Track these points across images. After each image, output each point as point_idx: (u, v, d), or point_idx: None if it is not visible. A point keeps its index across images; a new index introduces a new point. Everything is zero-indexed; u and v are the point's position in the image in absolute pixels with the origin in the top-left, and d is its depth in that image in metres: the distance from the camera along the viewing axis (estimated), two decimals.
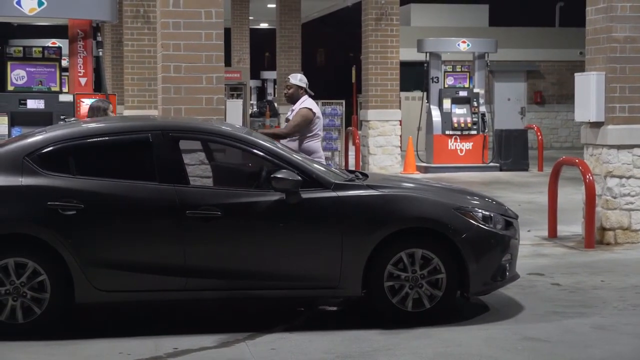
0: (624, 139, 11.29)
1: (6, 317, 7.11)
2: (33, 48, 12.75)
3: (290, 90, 10.64)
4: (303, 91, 10.53)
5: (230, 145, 7.95)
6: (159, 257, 7.28)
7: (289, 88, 10.69)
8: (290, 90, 10.64)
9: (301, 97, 10.53)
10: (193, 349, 6.88)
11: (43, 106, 11.30)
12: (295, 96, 10.59)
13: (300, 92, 10.54)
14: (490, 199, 8.37)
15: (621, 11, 11.17)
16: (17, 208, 7.22)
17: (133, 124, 8.37)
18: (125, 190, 7.32)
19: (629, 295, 8.70)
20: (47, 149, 7.46)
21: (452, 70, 22.76)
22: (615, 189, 11.33)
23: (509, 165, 21.96)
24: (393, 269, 7.48)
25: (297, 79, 10.57)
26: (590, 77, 11.48)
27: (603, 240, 11.40)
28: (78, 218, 7.17)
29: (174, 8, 10.41)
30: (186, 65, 10.45)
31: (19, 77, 11.96)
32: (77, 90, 12.01)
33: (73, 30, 12.11)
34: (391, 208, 7.58)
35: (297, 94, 10.56)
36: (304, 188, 7.44)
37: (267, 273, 7.44)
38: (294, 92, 10.60)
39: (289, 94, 10.68)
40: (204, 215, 7.27)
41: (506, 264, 7.85)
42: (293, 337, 7.27)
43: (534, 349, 6.90)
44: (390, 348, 6.93)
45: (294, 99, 10.61)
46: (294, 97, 10.62)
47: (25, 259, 7.14)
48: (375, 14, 20.34)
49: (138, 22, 18.87)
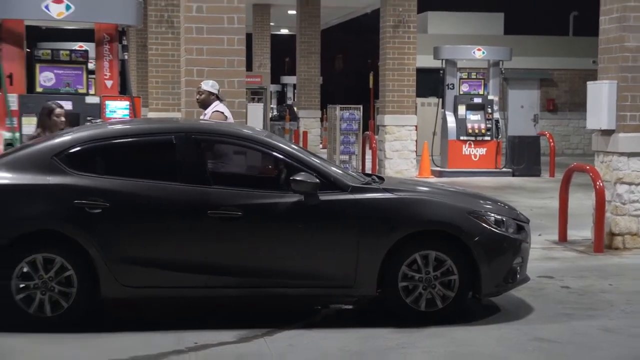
0: (634, 147, 11.26)
1: (35, 310, 7.18)
2: (61, 51, 12.81)
3: (202, 96, 10.52)
4: (214, 97, 10.45)
5: (250, 147, 7.97)
6: (181, 255, 7.32)
7: (200, 94, 10.56)
8: (202, 96, 10.52)
9: (212, 102, 10.43)
10: (213, 344, 6.93)
11: (70, 107, 11.33)
12: (207, 102, 10.47)
13: (211, 97, 10.43)
14: (502, 204, 8.38)
15: (634, 21, 11.15)
16: (45, 206, 7.29)
17: (157, 126, 8.42)
18: (149, 190, 7.37)
19: (636, 299, 8.69)
20: (74, 149, 7.52)
21: (467, 77, 22.71)
22: (625, 195, 11.32)
23: (522, 170, 21.90)
24: (407, 269, 7.50)
25: (209, 86, 10.45)
26: (602, 85, 11.47)
27: (612, 245, 11.39)
28: (103, 216, 7.22)
29: (197, 13, 10.48)
30: (209, 69, 10.53)
31: (47, 79, 12.03)
32: (104, 92, 12.07)
33: (99, 34, 12.18)
34: (406, 211, 7.62)
35: (208, 99, 10.45)
36: (321, 190, 7.47)
37: (285, 272, 7.48)
38: (205, 98, 10.49)
39: (201, 99, 10.56)
40: (225, 216, 7.31)
41: (517, 267, 7.87)
42: (310, 333, 7.31)
43: (544, 350, 6.92)
44: (404, 346, 6.96)
45: (205, 104, 10.49)
46: (205, 103, 10.50)
47: (53, 255, 7.20)
48: (393, 22, 20.36)
49: (162, 26, 18.95)
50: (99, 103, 11.75)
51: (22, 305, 7.20)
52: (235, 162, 8.36)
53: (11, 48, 11.61)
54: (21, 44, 11.75)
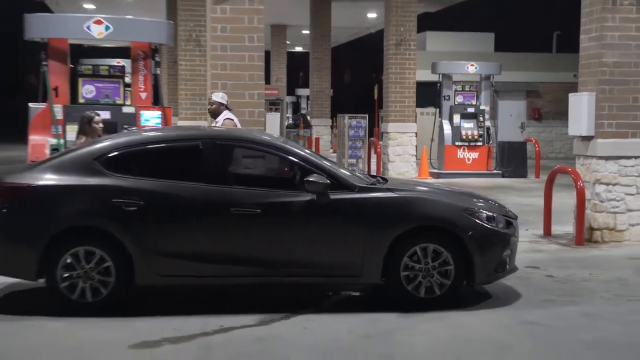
0: (611, 151, 11.27)
1: (77, 296, 7.22)
2: (100, 66, 12.88)
3: (213, 106, 10.54)
4: (224, 107, 10.46)
5: (268, 152, 8.00)
6: (207, 248, 7.33)
7: (211, 104, 10.59)
8: (213, 106, 10.54)
9: (222, 111, 10.44)
10: (235, 327, 6.92)
11: (109, 117, 11.36)
12: (217, 111, 10.48)
13: (221, 107, 10.46)
14: (493, 202, 8.36)
15: (611, 39, 11.15)
16: (86, 204, 7.32)
17: (186, 133, 8.44)
18: (179, 189, 7.38)
19: (613, 287, 8.67)
20: (112, 153, 7.54)
21: (462, 89, 22.72)
22: (603, 194, 11.31)
23: (510, 172, 21.86)
24: (408, 260, 7.49)
25: (219, 97, 10.47)
26: (582, 97, 11.44)
27: (591, 238, 11.37)
28: (138, 213, 7.24)
29: (222, 33, 10.50)
30: (232, 83, 10.54)
31: (88, 92, 12.07)
32: (138, 103, 12.09)
33: (135, 52, 12.21)
34: (407, 208, 7.61)
35: (218, 109, 10.46)
36: (332, 190, 7.47)
37: (299, 263, 7.48)
38: (216, 108, 10.51)
39: (212, 109, 10.58)
40: (246, 213, 7.31)
41: (506, 258, 7.86)
42: (322, 318, 7.32)
43: (531, 332, 6.90)
44: (407, 329, 6.95)
45: (216, 114, 10.50)
46: (216, 112, 10.50)
47: (93, 248, 7.22)
48: (395, 40, 20.36)
49: (190, 45, 19.00)
50: (134, 113, 11.78)
51: (65, 292, 7.23)
52: (254, 165, 8.38)
53: (57, 64, 11.65)
54: (65, 60, 11.79)
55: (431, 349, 6.41)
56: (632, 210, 11.42)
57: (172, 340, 6.56)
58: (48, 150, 11.06)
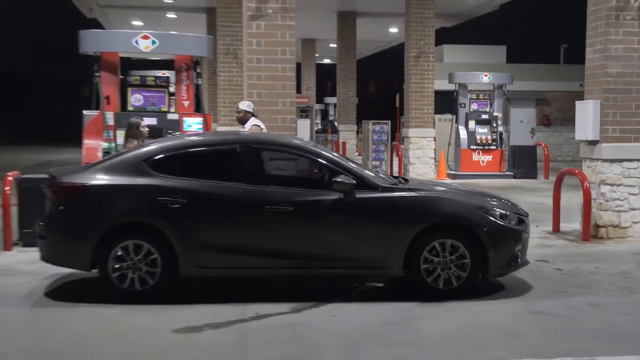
0: (615, 154, 11.21)
1: (127, 285, 7.27)
2: (147, 77, 12.91)
3: (240, 114, 10.70)
4: (250, 114, 10.56)
5: (300, 155, 7.98)
6: (244, 242, 7.33)
7: (238, 113, 10.75)
8: (240, 114, 10.70)
9: (249, 118, 10.55)
10: (271, 314, 6.94)
11: (155, 123, 11.43)
12: (244, 118, 10.62)
13: (247, 115, 10.59)
14: (506, 200, 8.30)
15: (614, 52, 11.09)
16: (135, 202, 7.36)
17: (225, 137, 8.45)
18: (218, 189, 7.39)
19: (617, 280, 8.59)
20: (158, 156, 7.57)
21: (476, 97, 22.62)
22: (608, 194, 11.25)
23: (521, 174, 21.74)
24: (428, 254, 7.47)
25: (245, 106, 10.64)
26: (588, 104, 11.37)
27: (597, 235, 11.30)
28: (182, 210, 7.26)
29: (257, 47, 10.52)
30: (266, 92, 10.56)
31: (136, 100, 12.12)
32: (182, 110, 12.14)
33: (178, 64, 12.26)
34: (427, 207, 7.57)
35: (245, 117, 10.62)
36: (357, 189, 7.45)
37: (328, 256, 7.46)
38: (242, 116, 10.66)
39: (239, 117, 10.73)
40: (279, 210, 7.31)
41: (518, 253, 7.80)
42: (349, 306, 7.30)
43: (541, 321, 6.85)
44: (427, 317, 6.93)
45: (243, 121, 10.64)
46: (243, 119, 10.65)
47: (141, 241, 7.26)
48: (415, 53, 20.30)
49: (228, 57, 19.05)
50: (178, 119, 11.83)
51: (116, 282, 7.27)
52: (287, 166, 8.37)
53: (108, 75, 11.73)
54: (116, 71, 11.86)
55: (449, 336, 6.37)
56: (635, 208, 11.36)
57: (212, 326, 6.58)
58: (100, 153, 11.13)
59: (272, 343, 6.13)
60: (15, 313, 7.03)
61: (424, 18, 20.17)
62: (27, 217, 9.91)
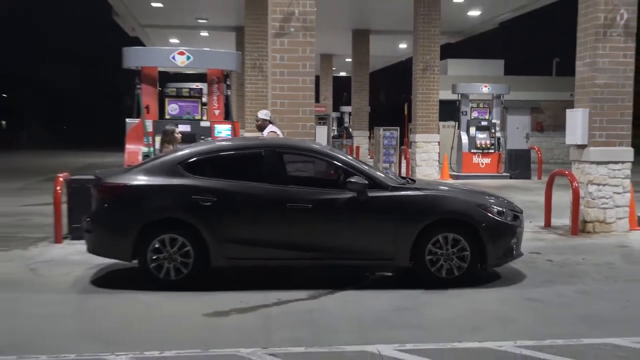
0: (601, 157, 11.16)
1: (164, 274, 7.29)
2: (183, 89, 12.97)
3: (259, 122, 10.96)
4: (268, 122, 10.74)
5: (317, 158, 7.96)
6: (267, 236, 7.33)
7: (257, 121, 11.01)
8: (259, 122, 10.96)
9: (267, 125, 10.73)
10: (291, 300, 6.94)
11: (189, 129, 11.47)
12: (263, 126, 10.84)
13: (266, 122, 10.79)
14: (502, 199, 8.25)
15: (602, 65, 11.03)
16: (170, 200, 7.37)
17: (251, 142, 8.45)
18: (245, 188, 7.40)
19: (603, 270, 8.52)
20: (192, 159, 7.59)
21: (477, 106, 22.53)
22: (595, 193, 11.19)
23: (517, 175, 21.66)
24: (432, 247, 7.44)
25: (263, 114, 10.94)
26: (577, 112, 11.30)
27: (585, 230, 11.23)
28: (212, 207, 7.27)
29: (280, 61, 10.52)
30: (288, 102, 10.55)
31: (173, 109, 12.17)
32: (213, 118, 12.16)
33: (210, 77, 12.28)
34: (432, 204, 7.54)
35: (264, 124, 10.84)
36: (369, 189, 7.45)
37: (342, 249, 7.44)
38: (261, 124, 10.89)
39: (258, 125, 10.98)
40: (299, 207, 7.31)
41: (513, 245, 7.76)
42: (360, 293, 7.29)
43: (533, 307, 6.81)
44: (431, 303, 6.90)
45: (262, 128, 10.84)
46: (262, 127, 10.86)
47: (176, 235, 7.28)
48: (422, 66, 20.24)
49: (255, 71, 19.07)
50: (209, 126, 11.85)
51: (154, 271, 7.30)
52: (306, 168, 8.36)
53: (148, 87, 11.77)
54: (155, 84, 11.90)
55: (451, 320, 6.34)
56: (619, 206, 11.30)
57: (239, 311, 6.59)
58: (140, 156, 11.17)
59: (292, 326, 6.13)
60: (65, 299, 7.08)
61: (430, 35, 20.10)
62: (75, 213, 9.98)
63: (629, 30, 11.01)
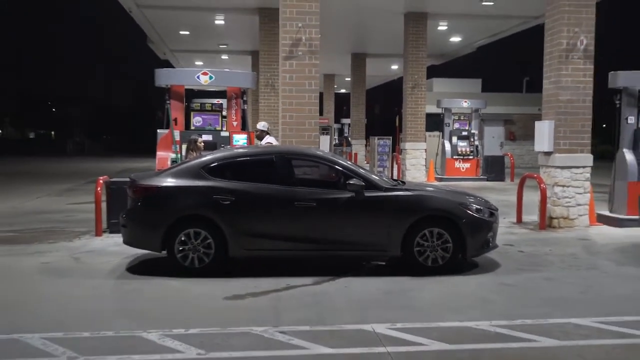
0: (565, 163, 11.13)
1: (189, 263, 7.29)
2: (206, 104, 12.97)
3: (258, 132, 11.38)
4: (266, 133, 11.06)
5: (321, 163, 7.95)
6: (278, 230, 7.32)
7: (256, 131, 11.39)
8: (258, 132, 11.38)
9: (264, 136, 11.05)
10: (298, 285, 6.93)
11: (211, 139, 11.44)
12: (261, 136, 11.21)
13: (264, 133, 11.12)
14: (480, 198, 8.23)
15: (565, 83, 11.02)
16: (195, 199, 7.36)
17: (264, 149, 8.41)
18: (259, 189, 7.39)
19: (567, 260, 8.49)
20: (213, 164, 7.59)
21: (458, 118, 22.51)
22: (559, 193, 11.16)
23: (493, 178, 21.62)
24: (420, 239, 7.42)
25: (262, 126, 11.27)
26: (544, 123, 11.27)
27: (551, 225, 11.19)
28: (231, 205, 7.27)
29: (289, 80, 10.52)
30: (296, 115, 10.54)
31: (197, 121, 12.14)
32: (231, 129, 12.11)
33: (229, 93, 12.25)
34: (420, 202, 7.52)
35: (262, 135, 11.24)
36: (366, 190, 7.44)
37: (343, 241, 7.43)
38: (260, 134, 11.29)
39: (257, 135, 11.32)
40: (306, 206, 7.30)
41: (490, 238, 7.73)
42: (358, 279, 7.27)
43: (508, 291, 6.78)
44: (418, 288, 6.88)
45: (261, 138, 11.18)
46: (261, 137, 11.22)
47: (199, 229, 7.28)
48: (411, 84, 20.19)
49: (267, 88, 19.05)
50: (228, 136, 11.81)
51: (180, 260, 7.29)
52: (311, 172, 8.35)
53: (176, 102, 11.74)
54: (182, 99, 11.88)
55: (436, 302, 6.32)
56: (580, 204, 11.26)
57: (253, 294, 6.58)
58: (169, 162, 11.16)
59: (299, 307, 6.11)
60: (104, 284, 7.07)
61: (418, 57, 20.05)
62: (113, 210, 9.98)
63: (588, 53, 11.00)
